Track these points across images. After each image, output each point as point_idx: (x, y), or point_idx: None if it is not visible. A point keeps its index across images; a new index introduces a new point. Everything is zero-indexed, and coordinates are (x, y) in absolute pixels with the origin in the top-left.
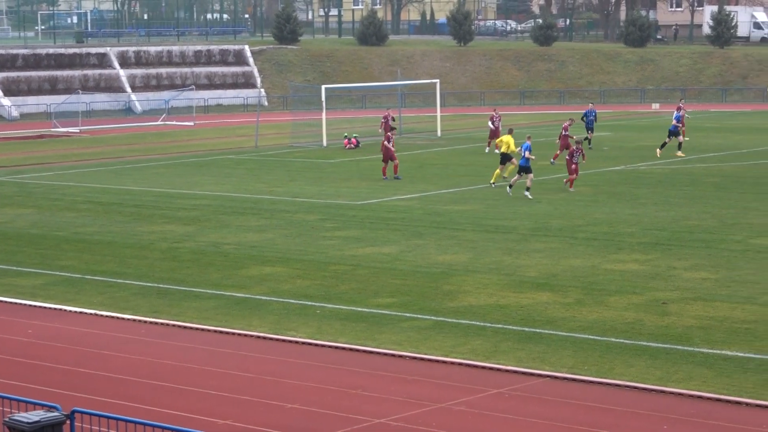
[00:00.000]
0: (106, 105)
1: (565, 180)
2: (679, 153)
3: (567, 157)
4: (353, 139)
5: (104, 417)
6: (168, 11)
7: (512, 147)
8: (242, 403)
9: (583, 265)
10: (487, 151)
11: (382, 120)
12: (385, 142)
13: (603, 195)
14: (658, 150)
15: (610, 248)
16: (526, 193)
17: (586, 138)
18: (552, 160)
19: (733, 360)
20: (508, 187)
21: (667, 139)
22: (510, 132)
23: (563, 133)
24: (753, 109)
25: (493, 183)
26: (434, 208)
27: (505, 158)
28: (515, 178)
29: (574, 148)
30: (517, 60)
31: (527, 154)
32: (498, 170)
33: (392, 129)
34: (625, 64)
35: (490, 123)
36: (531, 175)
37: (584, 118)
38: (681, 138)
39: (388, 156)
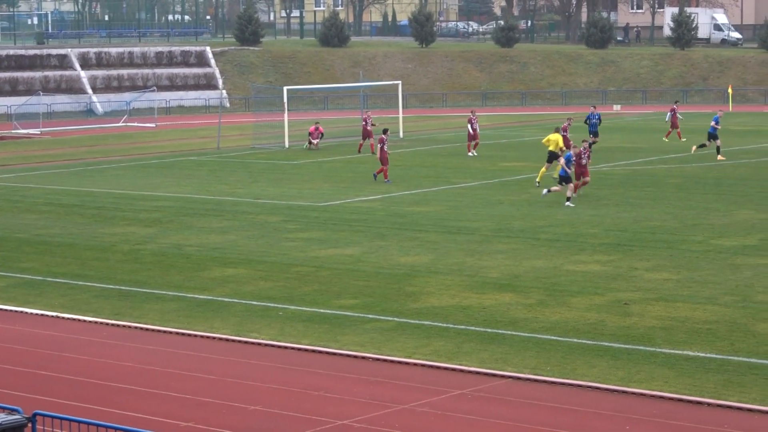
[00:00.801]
0: (67, 106)
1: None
2: (720, 157)
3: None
4: (320, 128)
5: (66, 420)
6: (129, 12)
7: (560, 144)
8: (204, 405)
9: (545, 266)
10: (470, 155)
11: (362, 123)
12: (380, 145)
13: (565, 196)
14: (719, 156)
15: (572, 249)
16: (567, 203)
17: (584, 141)
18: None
19: (694, 360)
20: (544, 190)
21: (706, 143)
22: (557, 130)
23: (562, 134)
24: (713, 110)
25: (538, 182)
26: (396, 210)
27: (553, 156)
28: (555, 188)
29: (581, 149)
30: (479, 61)
31: (562, 161)
32: (543, 168)
33: (385, 130)
34: (587, 65)
35: (469, 126)
36: (571, 185)
37: (587, 122)
38: (718, 142)
39: (383, 159)
